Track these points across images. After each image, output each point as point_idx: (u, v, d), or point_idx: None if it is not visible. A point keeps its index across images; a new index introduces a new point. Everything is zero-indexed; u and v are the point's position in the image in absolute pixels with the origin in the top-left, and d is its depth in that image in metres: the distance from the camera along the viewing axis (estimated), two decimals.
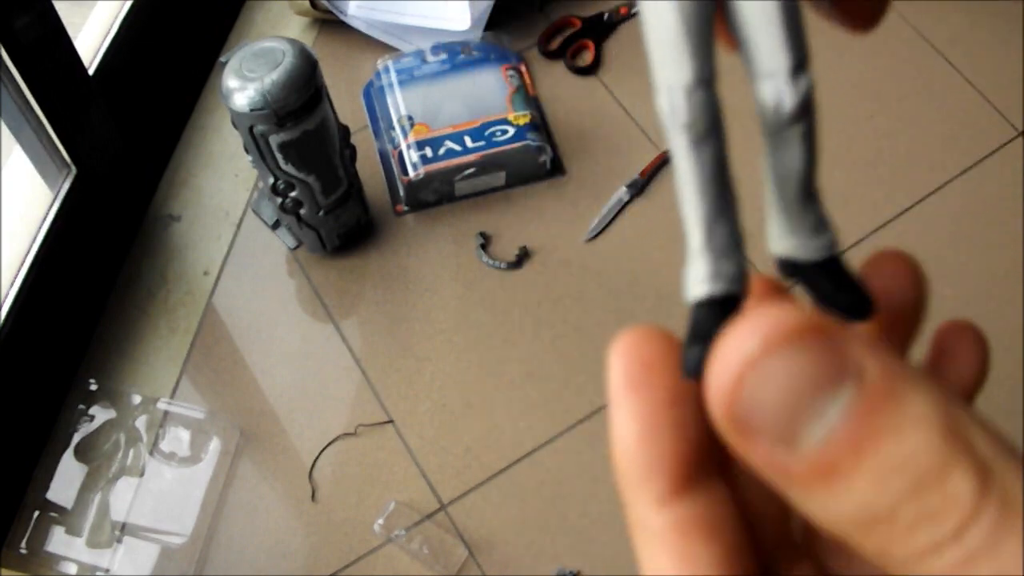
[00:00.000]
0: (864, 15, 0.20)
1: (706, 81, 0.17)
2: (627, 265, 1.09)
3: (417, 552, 0.94)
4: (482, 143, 1.10)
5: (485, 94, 1.14)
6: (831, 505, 0.14)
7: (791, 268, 0.18)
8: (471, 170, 1.10)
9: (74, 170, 1.01)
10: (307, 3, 1.22)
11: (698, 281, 0.18)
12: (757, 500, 0.20)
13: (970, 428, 0.14)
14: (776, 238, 0.18)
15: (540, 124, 1.15)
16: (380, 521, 0.95)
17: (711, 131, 0.18)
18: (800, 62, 0.17)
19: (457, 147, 1.10)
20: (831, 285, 0.17)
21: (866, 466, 0.13)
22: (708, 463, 0.19)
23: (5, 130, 0.94)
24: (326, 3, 1.21)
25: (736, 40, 0.18)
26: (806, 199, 0.18)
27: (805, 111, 0.17)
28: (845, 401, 0.13)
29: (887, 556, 0.14)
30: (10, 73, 0.90)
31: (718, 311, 0.17)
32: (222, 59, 0.90)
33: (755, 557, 0.19)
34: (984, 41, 1.23)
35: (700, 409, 0.17)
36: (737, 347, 0.14)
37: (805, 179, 0.18)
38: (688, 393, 0.18)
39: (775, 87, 0.17)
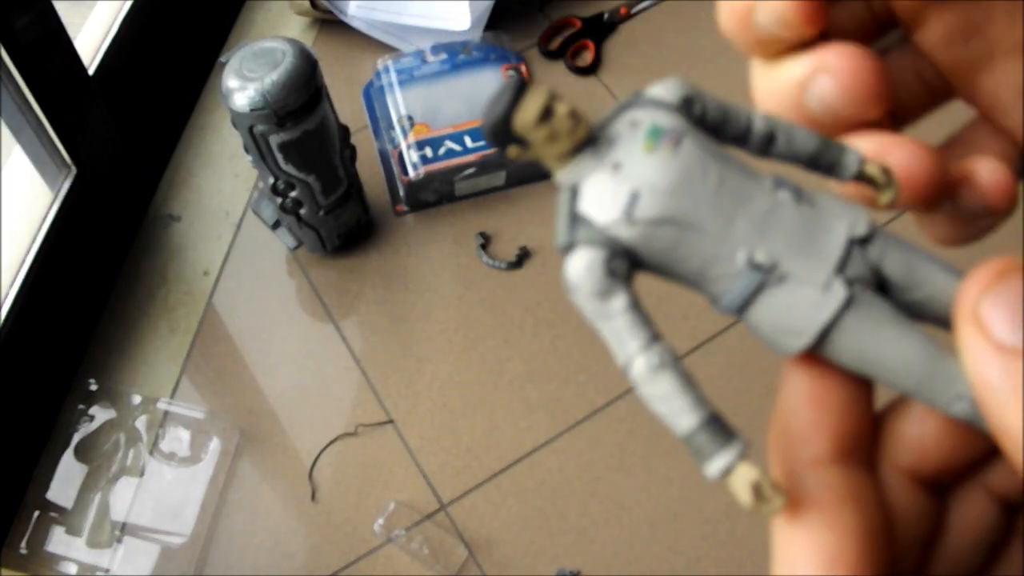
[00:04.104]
0: (957, 239, 0.24)
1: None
2: None
3: (417, 552, 0.94)
4: (482, 143, 1.10)
5: (485, 94, 1.14)
6: None
7: None
8: (471, 170, 1.10)
9: (74, 170, 1.01)
10: (307, 3, 1.22)
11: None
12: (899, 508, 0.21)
13: None
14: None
15: None
16: (380, 521, 0.95)
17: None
18: None
19: (457, 147, 1.10)
20: None
21: None
22: (862, 455, 0.21)
23: (5, 130, 0.94)
24: (326, 3, 1.21)
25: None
26: None
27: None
28: None
29: None
30: (10, 73, 0.90)
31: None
32: (222, 59, 0.90)
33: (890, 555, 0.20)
34: None
35: (863, 407, 0.21)
36: (981, 274, 0.18)
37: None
38: (856, 386, 0.21)
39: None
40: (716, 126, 0.21)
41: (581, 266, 0.20)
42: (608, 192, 0.20)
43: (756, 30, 0.22)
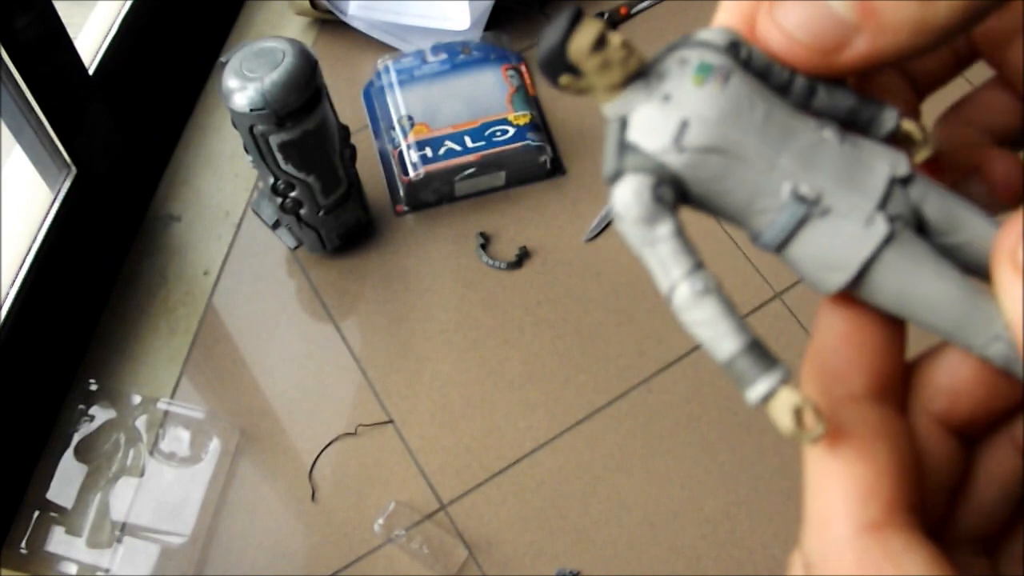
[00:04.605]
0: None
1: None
2: (627, 265, 1.09)
3: (417, 552, 0.94)
4: (482, 143, 1.10)
5: (485, 94, 1.14)
6: None
7: None
8: (471, 170, 1.10)
9: (74, 170, 1.01)
10: (307, 3, 1.22)
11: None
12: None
13: None
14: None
15: (540, 124, 1.15)
16: (380, 521, 0.95)
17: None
18: None
19: (457, 147, 1.10)
20: None
21: None
22: (895, 397, 0.21)
23: (5, 130, 0.94)
24: (326, 3, 1.21)
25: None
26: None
27: None
28: None
29: None
30: (10, 73, 0.90)
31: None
32: (222, 59, 0.90)
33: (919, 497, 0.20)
34: None
35: (897, 350, 0.21)
36: (1019, 219, 0.19)
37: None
38: (891, 329, 0.21)
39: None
40: (760, 73, 0.22)
41: (629, 192, 0.20)
42: (658, 121, 0.21)
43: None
